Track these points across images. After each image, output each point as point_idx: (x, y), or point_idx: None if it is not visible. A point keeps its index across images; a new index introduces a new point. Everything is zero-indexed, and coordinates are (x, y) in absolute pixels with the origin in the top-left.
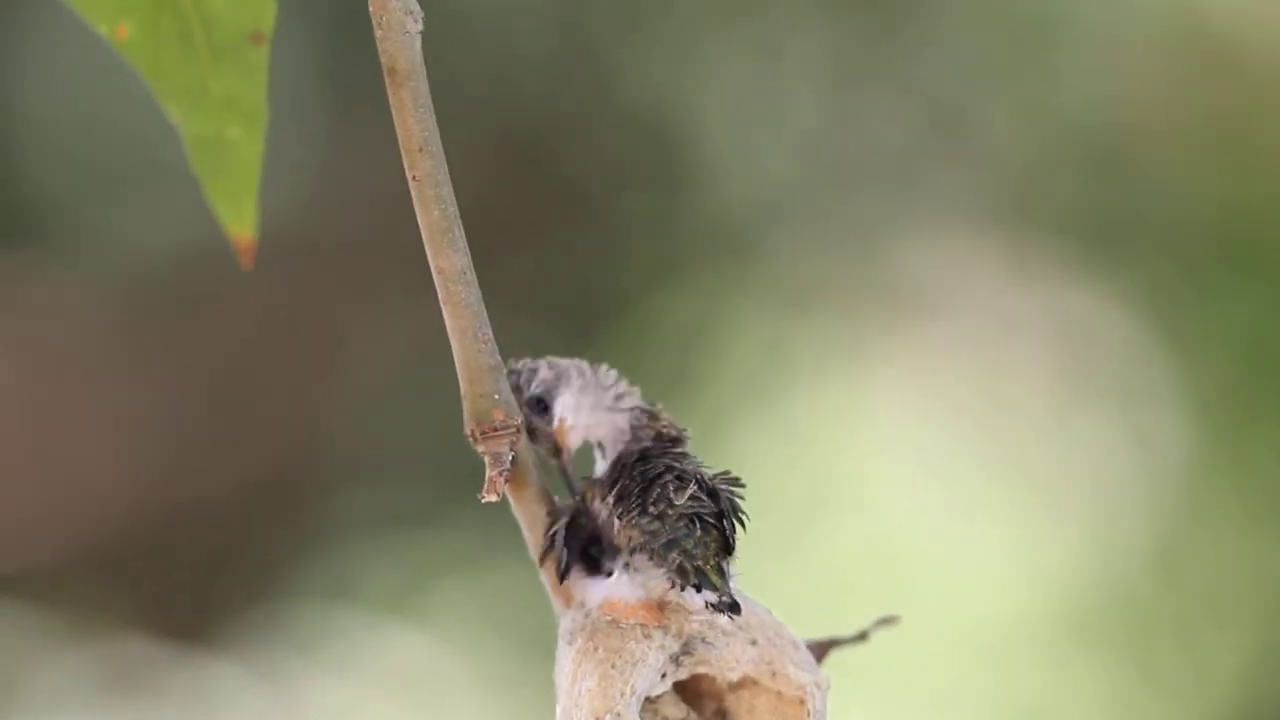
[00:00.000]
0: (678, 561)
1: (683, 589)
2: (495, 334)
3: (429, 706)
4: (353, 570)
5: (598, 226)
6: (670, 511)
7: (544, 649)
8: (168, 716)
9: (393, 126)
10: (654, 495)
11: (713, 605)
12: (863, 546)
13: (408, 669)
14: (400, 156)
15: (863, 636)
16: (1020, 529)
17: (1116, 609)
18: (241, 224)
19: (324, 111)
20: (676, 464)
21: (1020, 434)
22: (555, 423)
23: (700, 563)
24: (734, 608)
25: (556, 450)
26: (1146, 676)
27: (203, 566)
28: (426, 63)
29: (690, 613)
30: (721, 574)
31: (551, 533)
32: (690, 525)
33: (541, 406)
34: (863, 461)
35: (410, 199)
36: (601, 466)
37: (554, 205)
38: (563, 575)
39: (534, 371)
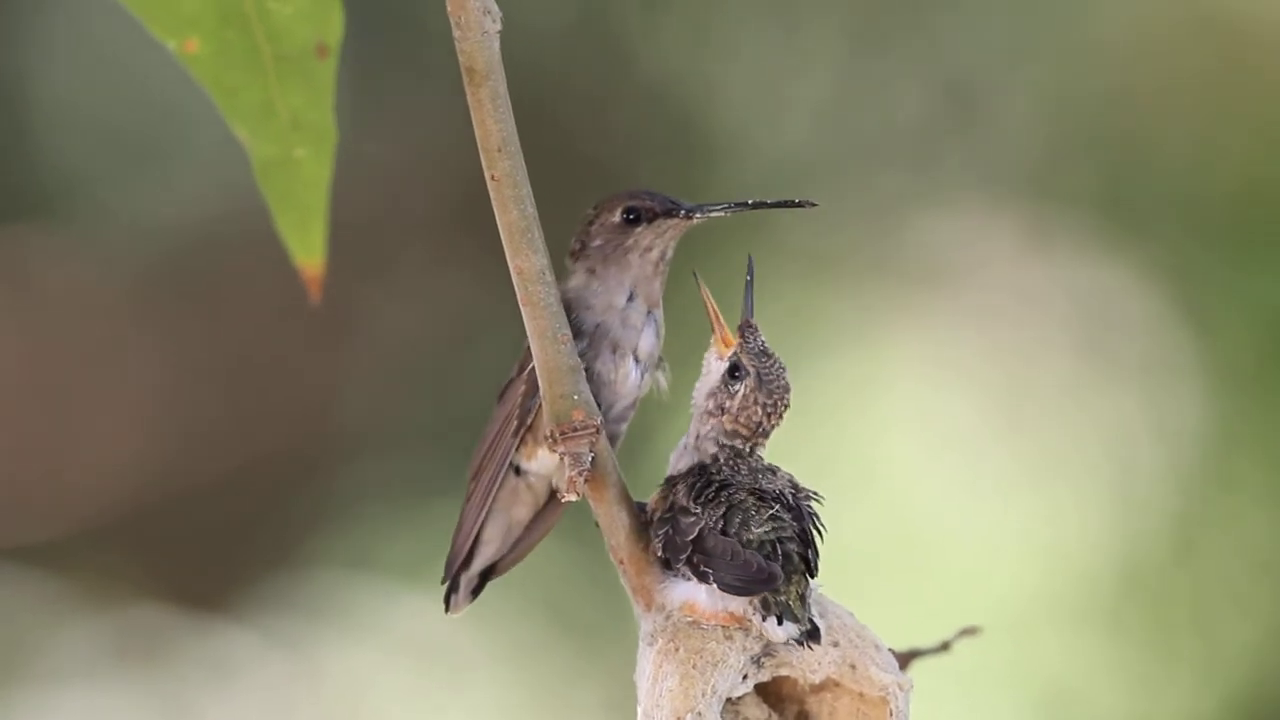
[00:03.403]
0: (761, 597)
1: (764, 619)
2: (512, 309)
3: (446, 676)
4: (370, 539)
5: None
6: (751, 540)
7: (562, 622)
8: (186, 683)
9: (408, 103)
10: (735, 522)
11: (795, 639)
12: (879, 521)
13: (424, 638)
14: (417, 134)
15: (945, 647)
16: (1037, 504)
17: (1133, 586)
18: (309, 252)
19: (340, 89)
20: (759, 483)
21: (1038, 408)
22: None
23: (784, 597)
24: (814, 636)
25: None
26: (1163, 653)
27: (222, 536)
28: (439, 37)
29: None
30: (803, 602)
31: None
32: (772, 552)
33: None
34: (880, 435)
35: (425, 178)
36: (678, 459)
37: (571, 180)
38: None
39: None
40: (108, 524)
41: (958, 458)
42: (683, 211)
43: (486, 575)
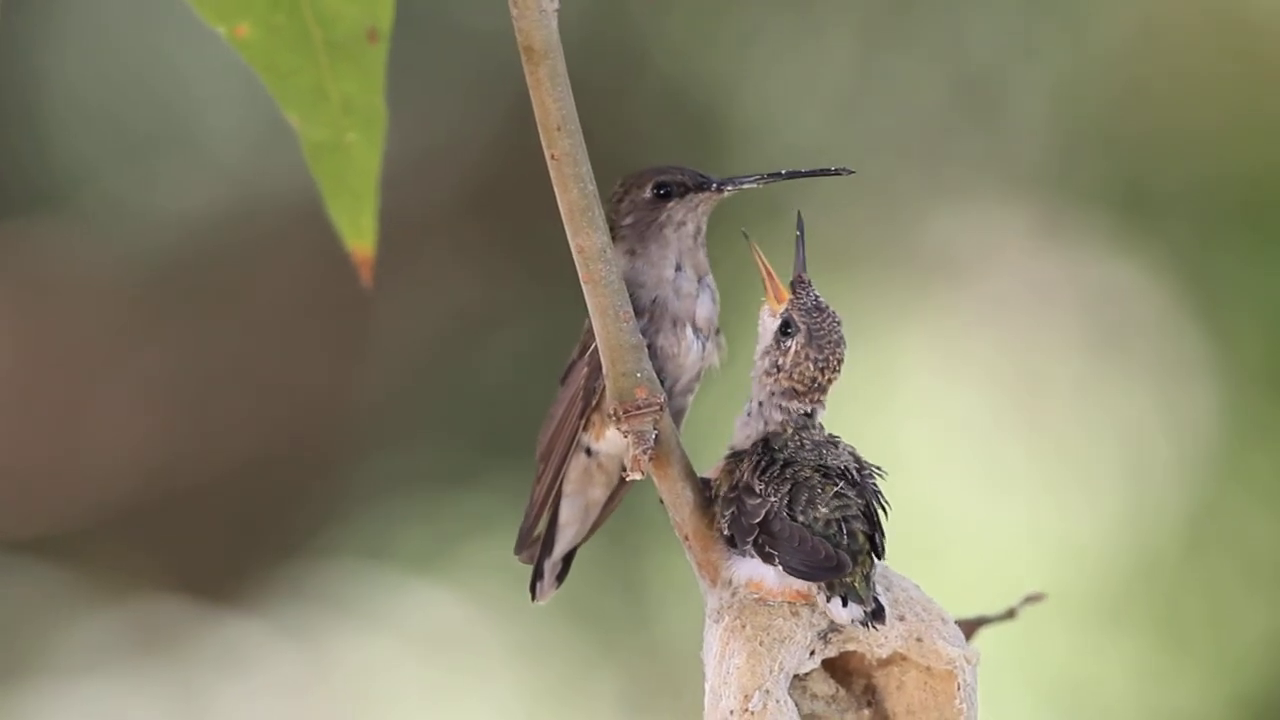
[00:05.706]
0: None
1: (829, 600)
2: (536, 306)
3: (458, 666)
4: (383, 530)
5: None
6: (817, 519)
7: (577, 613)
8: (200, 674)
9: (430, 94)
10: (802, 501)
11: (859, 621)
12: (892, 513)
13: (436, 629)
14: (432, 128)
15: (1010, 614)
16: (1050, 497)
17: (1145, 580)
18: (361, 236)
19: None
20: (824, 458)
21: (1051, 402)
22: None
23: (849, 578)
24: (879, 617)
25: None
26: (1174, 647)
27: (234, 527)
28: (458, 36)
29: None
30: (868, 583)
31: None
32: (838, 532)
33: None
34: (893, 428)
35: (438, 172)
36: (742, 427)
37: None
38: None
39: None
40: (120, 516)
41: (970, 451)
42: (714, 185)
43: (569, 558)
